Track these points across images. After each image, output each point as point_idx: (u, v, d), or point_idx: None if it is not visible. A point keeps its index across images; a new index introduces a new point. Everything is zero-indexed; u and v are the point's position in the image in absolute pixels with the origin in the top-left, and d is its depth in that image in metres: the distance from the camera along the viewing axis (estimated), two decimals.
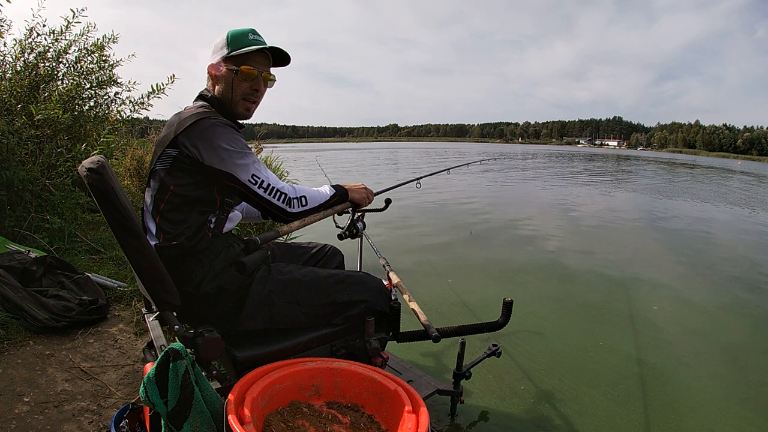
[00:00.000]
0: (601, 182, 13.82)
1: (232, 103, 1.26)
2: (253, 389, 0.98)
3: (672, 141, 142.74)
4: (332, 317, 1.34)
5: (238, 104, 1.27)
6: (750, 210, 8.87)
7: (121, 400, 1.68)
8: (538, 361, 2.38)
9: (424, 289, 3.43)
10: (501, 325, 1.52)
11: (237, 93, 1.25)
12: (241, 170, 1.15)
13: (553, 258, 4.54)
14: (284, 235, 1.27)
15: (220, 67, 1.24)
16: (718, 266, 4.55)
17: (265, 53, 1.27)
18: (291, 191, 1.24)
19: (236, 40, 1.23)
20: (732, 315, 3.26)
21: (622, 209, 8.30)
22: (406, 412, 0.99)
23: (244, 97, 1.26)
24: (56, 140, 3.37)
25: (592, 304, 3.31)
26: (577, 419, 1.91)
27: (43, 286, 2.35)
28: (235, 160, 1.14)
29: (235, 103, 1.26)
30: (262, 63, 1.27)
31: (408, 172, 15.55)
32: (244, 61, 1.23)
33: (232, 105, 1.26)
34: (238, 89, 1.25)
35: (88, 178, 1.03)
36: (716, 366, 2.47)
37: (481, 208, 7.58)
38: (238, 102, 1.26)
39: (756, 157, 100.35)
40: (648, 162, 33.92)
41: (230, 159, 1.14)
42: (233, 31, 1.24)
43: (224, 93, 1.26)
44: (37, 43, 3.55)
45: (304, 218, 1.28)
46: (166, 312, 1.10)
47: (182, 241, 1.16)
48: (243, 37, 1.23)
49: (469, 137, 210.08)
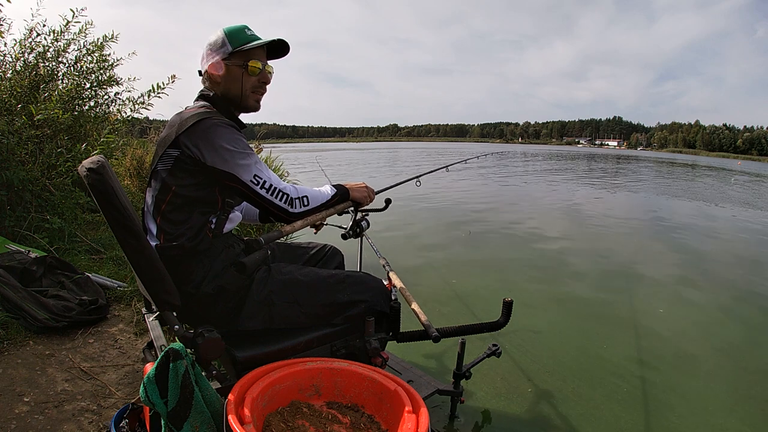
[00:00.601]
0: (602, 182, 13.82)
1: (242, 98, 1.27)
2: (253, 389, 0.98)
3: (672, 141, 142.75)
4: (332, 317, 1.34)
5: (249, 98, 1.28)
6: (751, 209, 8.88)
7: (121, 400, 1.68)
8: (539, 361, 2.38)
9: (424, 289, 3.43)
10: (501, 325, 1.52)
11: (247, 88, 1.26)
12: (243, 170, 1.15)
13: (554, 258, 4.54)
14: (287, 234, 1.27)
15: (224, 65, 1.24)
16: (719, 266, 4.55)
17: (262, 47, 1.28)
18: (293, 191, 1.24)
19: (235, 37, 1.23)
20: (733, 315, 3.26)
21: (623, 209, 8.31)
22: (406, 412, 0.99)
23: (254, 90, 1.28)
24: (56, 140, 3.37)
25: (592, 304, 3.31)
26: (577, 419, 1.90)
27: (43, 286, 2.35)
28: (237, 160, 1.14)
29: (246, 97, 1.27)
30: (264, 56, 1.29)
31: (408, 172, 15.55)
32: (250, 56, 1.24)
33: (243, 100, 1.27)
34: (247, 84, 1.26)
35: (88, 178, 1.03)
36: (718, 366, 2.47)
37: (481, 208, 7.57)
38: (248, 96, 1.28)
39: (756, 157, 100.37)
40: (648, 161, 33.92)
41: (232, 159, 1.14)
42: (229, 29, 1.25)
43: (233, 90, 1.26)
44: (36, 43, 3.55)
45: (306, 218, 1.28)
46: (166, 312, 1.10)
47: (183, 242, 1.16)
48: (241, 33, 1.24)
49: (469, 137, 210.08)
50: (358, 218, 1.66)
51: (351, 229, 1.66)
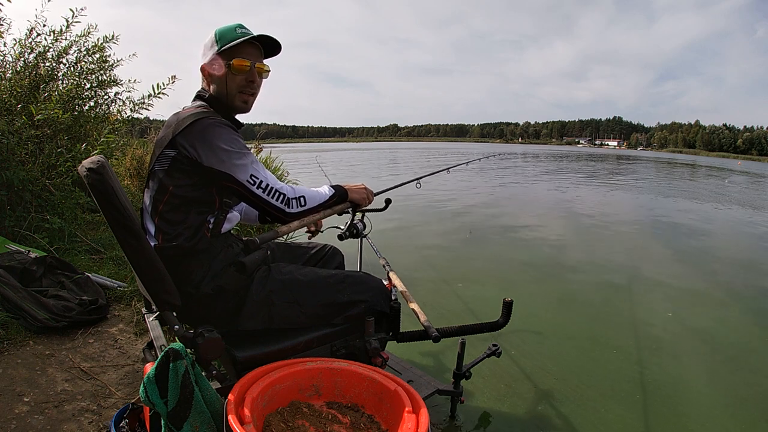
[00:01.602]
0: (602, 182, 13.82)
1: (228, 97, 1.25)
2: (253, 389, 0.98)
3: (672, 141, 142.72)
4: (332, 317, 1.34)
5: (235, 98, 1.26)
6: (753, 209, 8.87)
7: (121, 400, 1.68)
8: (539, 361, 2.38)
9: (424, 289, 3.43)
10: (501, 325, 1.52)
11: (232, 87, 1.24)
12: (239, 170, 1.15)
13: (554, 257, 4.54)
14: (283, 235, 1.26)
15: (213, 64, 1.23)
16: (720, 266, 4.55)
17: (255, 44, 1.27)
18: (290, 191, 1.24)
19: (224, 36, 1.23)
20: (734, 315, 3.26)
21: (623, 209, 8.31)
22: (406, 412, 0.99)
23: (241, 90, 1.26)
24: (56, 140, 3.37)
25: (592, 304, 3.31)
26: (577, 419, 1.90)
27: (43, 286, 2.35)
28: (233, 160, 1.14)
29: (231, 97, 1.25)
30: (254, 54, 1.27)
31: (408, 172, 15.54)
32: (235, 54, 1.23)
33: (228, 100, 1.25)
34: (233, 83, 1.24)
35: (88, 178, 1.03)
36: (718, 366, 2.47)
37: (482, 208, 7.58)
38: (234, 96, 1.25)
39: (756, 157, 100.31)
40: (648, 161, 33.91)
41: (229, 159, 1.14)
42: (220, 29, 1.24)
43: (220, 89, 1.25)
44: (37, 43, 3.55)
45: (303, 218, 1.28)
46: (166, 312, 1.10)
47: (181, 242, 1.16)
48: (231, 32, 1.23)
49: (469, 137, 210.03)
50: (355, 220, 1.65)
51: (348, 230, 1.65)
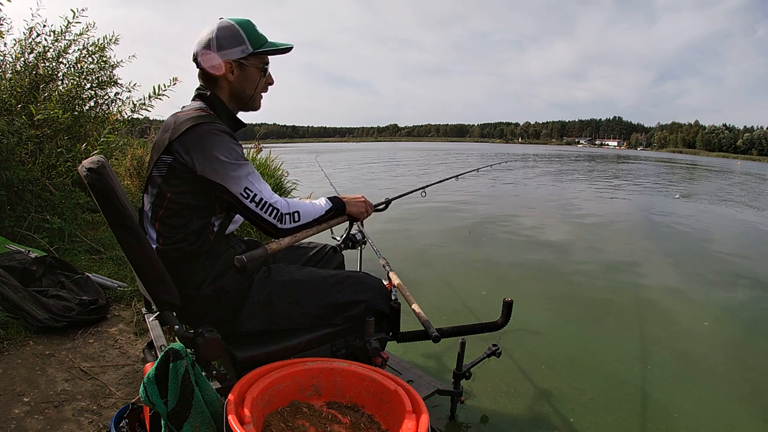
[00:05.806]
0: (602, 182, 13.82)
1: (253, 99, 1.28)
2: (253, 389, 0.98)
3: (672, 141, 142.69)
4: (332, 317, 1.34)
5: (257, 99, 1.30)
6: (751, 208, 8.87)
7: (121, 400, 1.68)
8: (539, 360, 2.38)
9: (424, 289, 3.43)
10: (501, 325, 1.52)
11: (259, 90, 1.28)
12: (233, 182, 1.12)
13: (554, 257, 4.53)
14: (273, 253, 1.18)
15: (241, 63, 1.21)
16: (720, 265, 4.55)
17: None
18: (284, 206, 1.19)
19: (255, 37, 1.22)
20: (735, 315, 3.25)
21: (623, 209, 8.30)
22: (406, 412, 0.99)
23: (263, 91, 1.30)
24: (56, 140, 3.37)
25: (593, 304, 3.30)
26: (577, 419, 1.90)
27: (43, 286, 2.35)
28: (228, 171, 1.11)
29: (255, 99, 1.29)
30: None
31: (409, 172, 15.53)
32: (266, 59, 1.25)
33: (252, 101, 1.29)
34: (261, 84, 1.28)
35: (88, 178, 1.03)
36: (720, 365, 2.47)
37: (482, 208, 7.57)
38: (257, 98, 1.30)
39: (756, 157, 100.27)
40: (648, 161, 33.91)
41: (223, 170, 1.11)
42: (245, 25, 1.21)
43: (247, 90, 1.25)
44: (37, 43, 3.55)
45: (295, 234, 1.23)
46: (166, 312, 1.10)
47: (184, 246, 1.16)
48: (257, 33, 1.23)
49: (469, 137, 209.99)
50: (352, 232, 1.63)
51: (344, 242, 1.64)
